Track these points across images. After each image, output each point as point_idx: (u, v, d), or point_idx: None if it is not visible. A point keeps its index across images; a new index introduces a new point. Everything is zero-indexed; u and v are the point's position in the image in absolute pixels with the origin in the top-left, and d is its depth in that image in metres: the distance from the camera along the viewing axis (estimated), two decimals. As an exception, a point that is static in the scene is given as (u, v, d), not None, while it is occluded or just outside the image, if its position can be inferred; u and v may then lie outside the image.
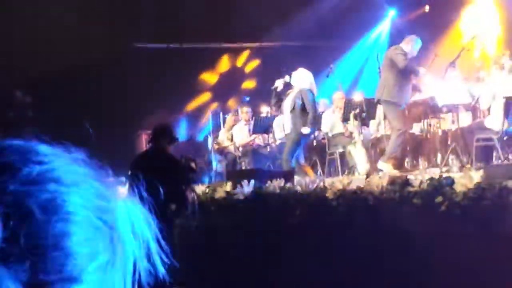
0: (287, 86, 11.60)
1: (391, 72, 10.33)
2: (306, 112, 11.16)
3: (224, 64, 19.00)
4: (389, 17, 17.99)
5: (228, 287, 8.54)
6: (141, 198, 0.94)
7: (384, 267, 6.43)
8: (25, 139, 0.83)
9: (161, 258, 0.90)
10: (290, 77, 11.57)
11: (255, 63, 18.89)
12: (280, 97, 11.63)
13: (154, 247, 0.89)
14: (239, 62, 19.10)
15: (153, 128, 8.71)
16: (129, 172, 8.58)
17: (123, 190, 0.89)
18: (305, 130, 11.21)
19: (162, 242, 0.90)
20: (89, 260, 0.79)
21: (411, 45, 10.59)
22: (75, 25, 15.01)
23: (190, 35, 17.13)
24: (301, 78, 11.42)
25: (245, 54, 18.94)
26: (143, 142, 15.26)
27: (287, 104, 11.37)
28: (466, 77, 11.78)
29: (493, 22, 15.37)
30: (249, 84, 18.76)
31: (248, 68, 19.00)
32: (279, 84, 11.61)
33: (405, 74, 10.34)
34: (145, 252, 0.87)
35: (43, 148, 0.84)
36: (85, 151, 0.87)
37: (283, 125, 11.68)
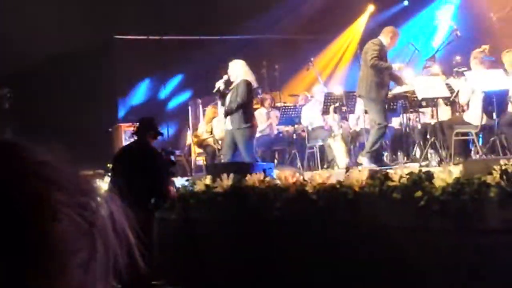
0: (229, 82, 11.02)
1: (369, 68, 10.35)
2: (243, 106, 10.64)
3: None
4: (368, 11, 18.00)
5: (207, 280, 8.53)
6: (122, 191, 0.93)
7: (363, 261, 6.45)
8: (3, 133, 0.82)
9: (141, 253, 0.89)
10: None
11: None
12: (225, 97, 11.00)
13: (134, 242, 0.88)
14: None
15: (139, 121, 8.71)
16: (112, 165, 8.58)
17: (103, 183, 0.88)
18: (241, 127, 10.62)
19: (142, 237, 0.90)
20: (70, 257, 0.79)
21: (389, 36, 10.62)
22: (55, 15, 14.89)
23: (171, 27, 17.05)
24: (234, 70, 10.96)
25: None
26: (121, 134, 15.22)
27: (226, 100, 10.88)
28: (444, 71, 11.85)
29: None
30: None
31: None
32: (219, 85, 11.02)
33: (379, 69, 10.37)
34: (125, 248, 0.86)
35: (25, 144, 0.83)
36: (63, 144, 0.86)
37: (225, 122, 11.08)
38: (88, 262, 0.81)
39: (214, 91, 11.17)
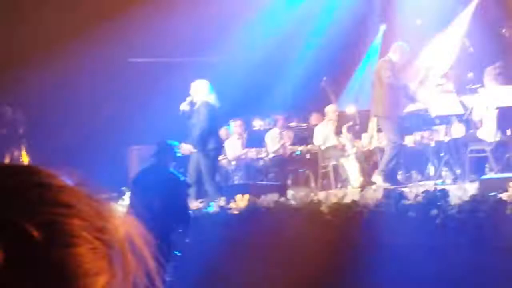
0: (193, 104, 10.85)
1: (382, 87, 10.35)
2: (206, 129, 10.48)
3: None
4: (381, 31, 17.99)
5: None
6: (140, 215, 0.92)
7: (380, 280, 6.40)
8: (16, 156, 0.82)
9: (160, 276, 0.88)
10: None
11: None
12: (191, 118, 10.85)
13: (153, 265, 0.87)
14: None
15: (157, 144, 8.69)
16: (131, 188, 8.55)
17: (119, 206, 0.87)
18: (185, 148, 10.47)
19: (161, 260, 0.89)
20: (89, 281, 0.78)
21: (398, 53, 10.63)
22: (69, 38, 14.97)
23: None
24: (196, 92, 10.86)
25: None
26: (135, 158, 15.23)
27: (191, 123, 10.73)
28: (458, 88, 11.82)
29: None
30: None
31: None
32: (184, 107, 10.91)
33: (394, 88, 10.38)
34: (144, 271, 0.85)
35: (43, 169, 0.82)
36: (78, 168, 0.85)
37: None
38: (107, 286, 0.80)
39: (180, 113, 10.97)
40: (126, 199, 8.53)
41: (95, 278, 0.78)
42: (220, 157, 14.09)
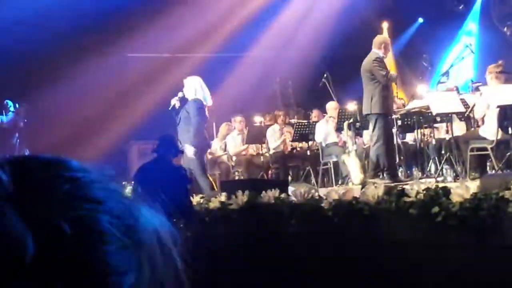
0: (184, 100, 10.78)
1: (373, 85, 10.35)
2: (195, 125, 10.40)
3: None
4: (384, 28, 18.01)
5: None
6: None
7: (380, 277, 6.39)
8: (18, 149, 0.80)
9: (188, 276, 0.86)
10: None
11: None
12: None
13: (180, 265, 0.85)
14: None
15: (160, 138, 8.67)
16: (132, 184, 8.53)
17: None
18: (188, 150, 10.32)
19: (187, 260, 0.87)
20: (118, 281, 0.76)
21: (382, 47, 10.64)
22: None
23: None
24: (187, 88, 10.74)
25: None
26: (135, 152, 15.23)
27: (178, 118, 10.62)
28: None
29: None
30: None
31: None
32: (174, 102, 10.83)
33: (386, 85, 10.39)
34: (172, 271, 0.84)
35: (73, 163, 0.80)
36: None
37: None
38: (135, 285, 0.78)
39: (170, 108, 10.93)
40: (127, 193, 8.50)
41: (124, 277, 0.77)
42: (221, 153, 14.10)
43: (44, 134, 13.69)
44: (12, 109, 14.93)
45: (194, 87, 10.67)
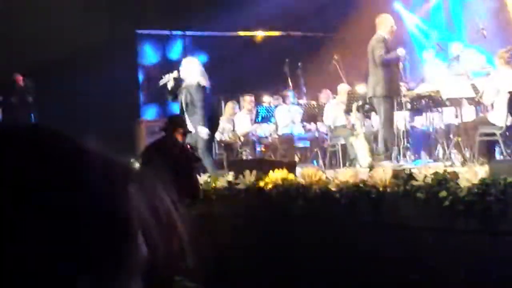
0: (180, 80, 10.50)
1: (377, 67, 10.34)
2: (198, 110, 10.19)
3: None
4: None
5: (228, 277, 8.52)
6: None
7: (386, 261, 6.41)
8: (26, 124, 0.82)
9: (192, 254, 0.91)
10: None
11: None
12: (175, 94, 10.53)
13: (186, 240, 0.89)
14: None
15: (168, 117, 8.66)
16: (140, 163, 8.54)
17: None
18: (201, 130, 10.17)
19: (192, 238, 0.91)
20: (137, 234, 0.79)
21: (384, 25, 10.61)
22: (76, 10, 14.94)
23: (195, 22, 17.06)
24: (186, 71, 10.45)
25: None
26: (143, 130, 15.24)
27: (181, 102, 10.39)
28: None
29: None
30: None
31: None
32: (168, 80, 10.53)
33: (389, 66, 10.37)
34: (179, 247, 0.88)
35: (80, 141, 0.82)
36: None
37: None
38: (149, 257, 0.81)
39: (161, 84, 10.70)
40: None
41: (142, 248, 0.79)
42: (229, 132, 14.10)
43: (54, 109, 13.68)
44: (21, 83, 14.96)
45: (196, 71, 10.43)
